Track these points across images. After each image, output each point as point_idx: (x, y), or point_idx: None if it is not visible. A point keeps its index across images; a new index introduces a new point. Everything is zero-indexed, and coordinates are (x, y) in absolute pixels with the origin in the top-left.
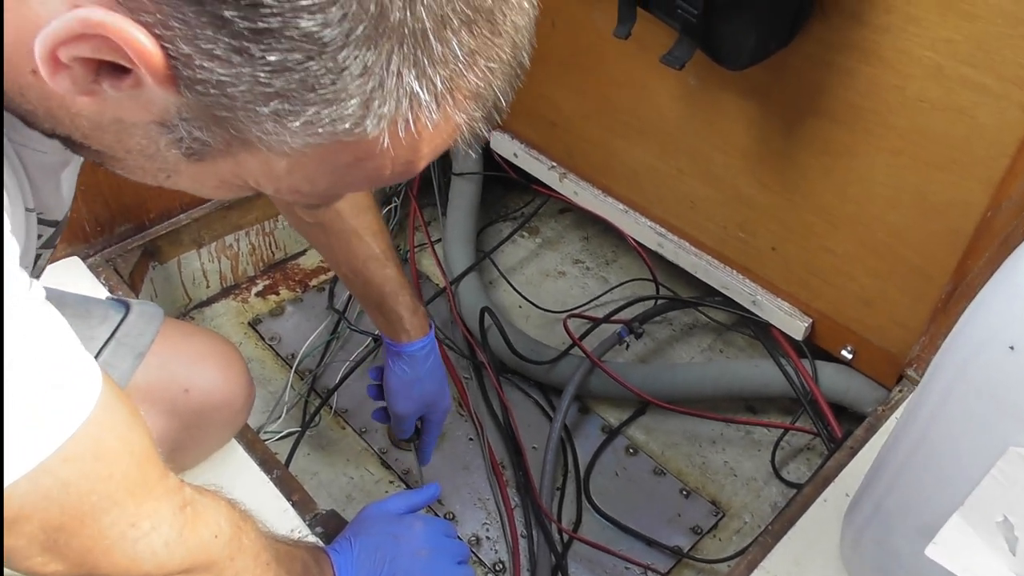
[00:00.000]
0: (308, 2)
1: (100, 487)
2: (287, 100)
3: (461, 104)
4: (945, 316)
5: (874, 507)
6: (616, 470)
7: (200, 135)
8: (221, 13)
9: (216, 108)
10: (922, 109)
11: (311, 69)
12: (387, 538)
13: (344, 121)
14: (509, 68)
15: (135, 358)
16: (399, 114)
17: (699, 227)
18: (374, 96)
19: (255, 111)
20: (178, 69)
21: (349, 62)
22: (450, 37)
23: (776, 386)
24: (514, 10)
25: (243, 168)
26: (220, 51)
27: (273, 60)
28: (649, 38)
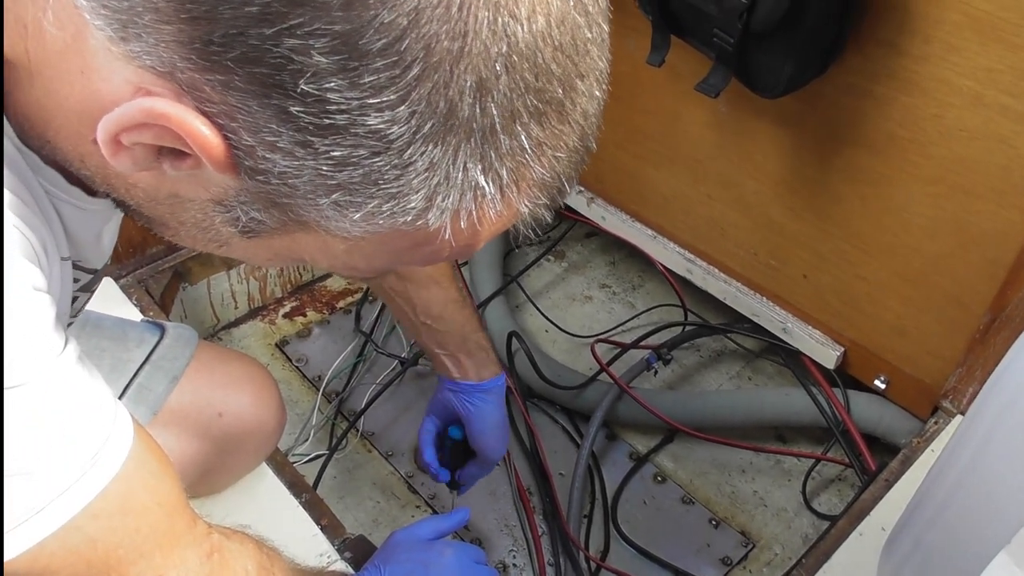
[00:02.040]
0: (376, 100)
1: (127, 540)
2: (349, 192)
3: (526, 192)
4: (983, 347)
5: (914, 543)
6: (644, 498)
7: (257, 215)
8: (287, 108)
9: (276, 195)
10: (961, 138)
11: (376, 165)
12: (417, 566)
13: (406, 214)
14: (576, 155)
15: (170, 381)
16: (462, 206)
17: (729, 253)
18: (438, 191)
19: (316, 201)
20: (240, 158)
21: (415, 158)
22: (519, 131)
23: (807, 415)
24: (584, 98)
25: (299, 245)
26: (284, 143)
27: (337, 155)
28: (682, 66)
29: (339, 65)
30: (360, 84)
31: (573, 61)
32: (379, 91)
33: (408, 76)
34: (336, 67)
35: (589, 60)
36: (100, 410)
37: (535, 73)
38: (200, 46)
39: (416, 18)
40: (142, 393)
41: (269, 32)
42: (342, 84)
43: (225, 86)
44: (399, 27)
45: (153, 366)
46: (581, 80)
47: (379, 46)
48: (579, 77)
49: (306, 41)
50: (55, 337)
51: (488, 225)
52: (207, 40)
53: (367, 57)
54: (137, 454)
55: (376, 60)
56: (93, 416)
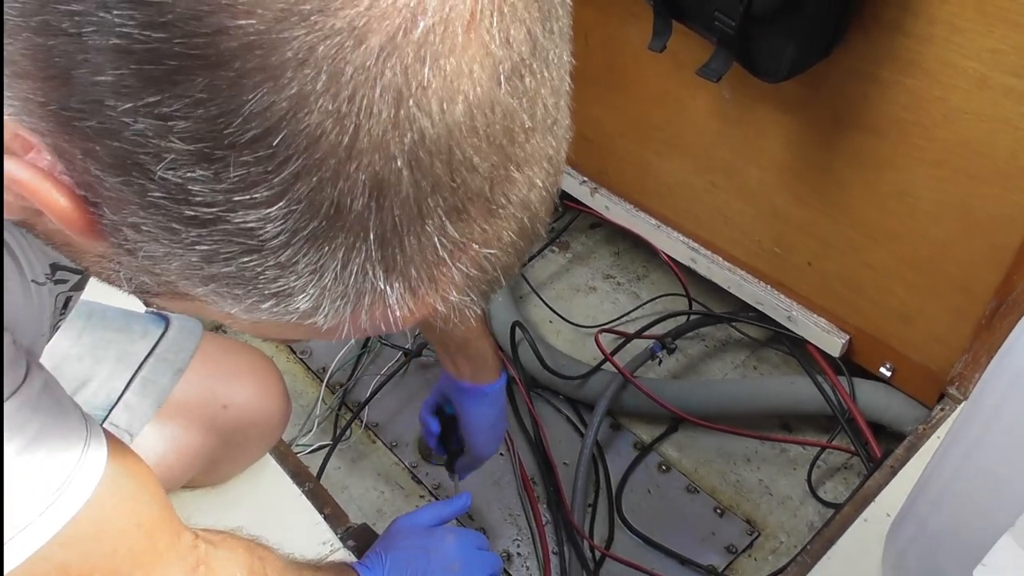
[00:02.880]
0: (245, 196)
1: (103, 564)
2: (225, 285)
3: (446, 289)
4: (989, 333)
5: (919, 527)
6: (649, 487)
7: (144, 279)
8: (148, 192)
9: (152, 273)
10: (966, 121)
11: (249, 264)
12: (418, 552)
13: (291, 315)
14: (513, 248)
15: (174, 374)
16: (361, 307)
17: (733, 242)
18: (327, 295)
19: (192, 287)
20: (105, 231)
21: (296, 259)
22: (429, 231)
23: (812, 403)
24: (523, 189)
25: (203, 311)
26: (149, 227)
27: (205, 250)
28: (684, 53)
29: (202, 154)
30: (226, 177)
31: (506, 152)
32: (249, 187)
33: (284, 172)
34: (199, 155)
35: (530, 147)
36: (67, 438)
37: (450, 169)
38: (57, 109)
39: (295, 107)
40: (147, 386)
41: (124, 107)
42: (206, 175)
43: (87, 155)
44: (274, 117)
45: (158, 358)
46: (519, 170)
47: (248, 137)
48: (516, 168)
49: (164, 122)
50: (8, 378)
51: (397, 322)
52: (64, 104)
53: (235, 148)
54: (112, 477)
55: (244, 152)
56: (58, 446)
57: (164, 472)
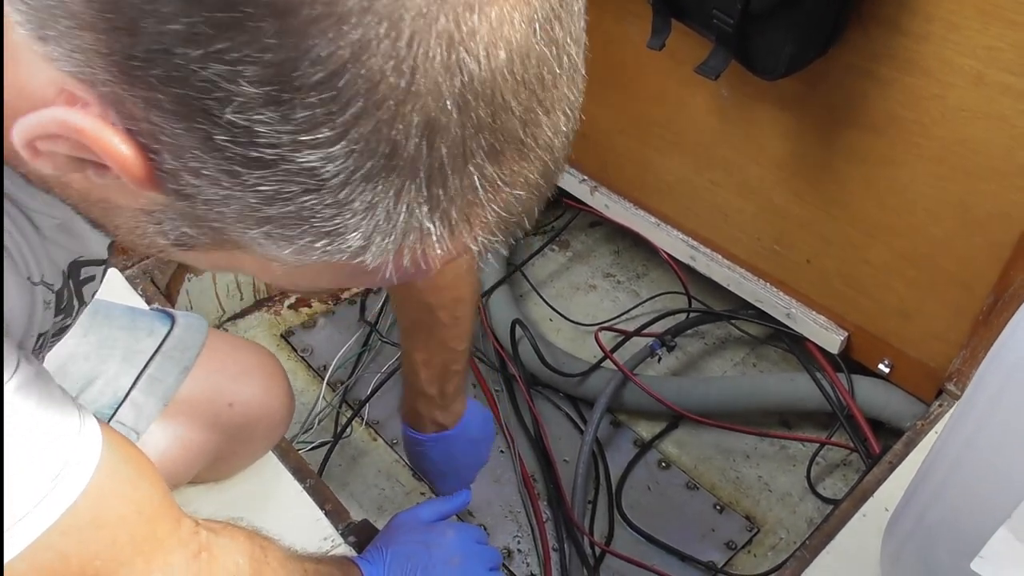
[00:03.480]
0: (309, 136)
1: (104, 552)
2: (281, 226)
3: (479, 229)
4: (986, 329)
5: (916, 521)
6: (648, 484)
7: (188, 231)
8: (213, 136)
9: (204, 219)
10: (963, 118)
11: (308, 203)
12: (419, 546)
13: (342, 253)
14: (537, 190)
15: (181, 372)
16: (405, 245)
17: (732, 239)
18: (377, 231)
19: (246, 230)
20: (163, 179)
21: (352, 198)
22: (471, 171)
23: (811, 400)
24: (549, 132)
25: (238, 262)
26: (209, 171)
27: (267, 190)
28: (683, 51)
29: (269, 97)
30: (292, 119)
31: (538, 97)
32: (313, 127)
33: (347, 114)
34: (266, 99)
35: (556, 93)
36: (60, 428)
37: (492, 111)
38: (121, 59)
39: (359, 52)
40: (153, 384)
41: (194, 54)
42: (273, 117)
43: (148, 104)
44: (339, 60)
45: (164, 356)
46: (547, 115)
47: (315, 80)
48: (544, 112)
49: (234, 67)
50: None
51: (435, 262)
52: (128, 54)
53: (301, 91)
54: (109, 465)
55: (311, 95)
56: (51, 436)
57: (169, 469)
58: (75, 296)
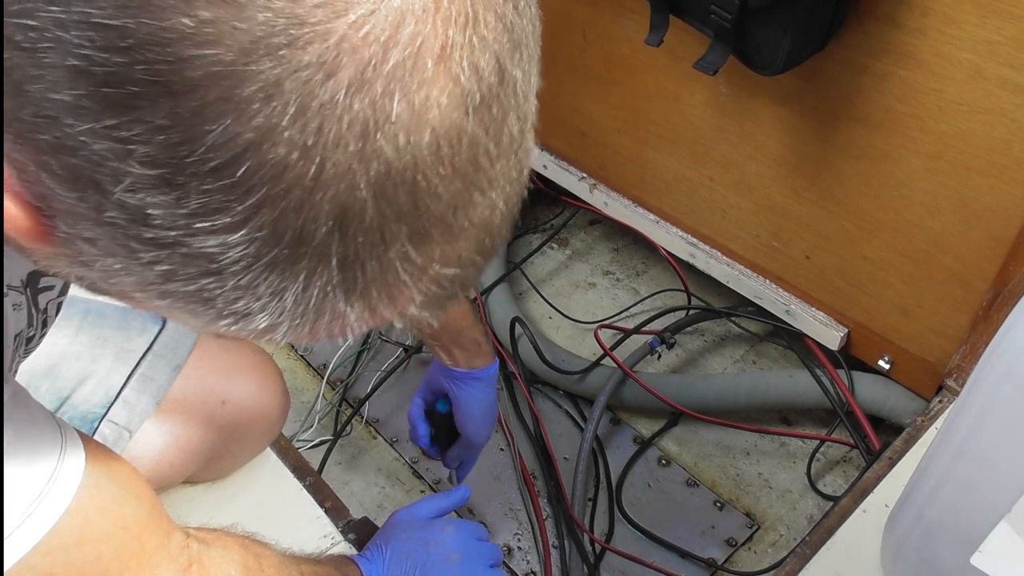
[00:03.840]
0: (206, 223)
1: (89, 568)
2: (184, 302)
3: (404, 306)
4: (986, 324)
5: (916, 517)
6: (648, 481)
7: (104, 286)
8: (104, 212)
9: (107, 281)
10: (961, 112)
11: (209, 286)
12: (418, 543)
13: (248, 333)
14: (473, 266)
15: (172, 370)
16: (320, 324)
17: (731, 236)
18: (286, 316)
19: (148, 300)
20: (59, 242)
21: (256, 283)
22: (392, 257)
23: (811, 397)
24: (486, 212)
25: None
26: (105, 243)
27: (164, 270)
28: (680, 48)
29: (162, 179)
30: (187, 204)
31: (470, 179)
32: (211, 214)
33: (248, 202)
34: (159, 180)
35: (494, 172)
36: (39, 449)
37: (414, 199)
38: (11, 119)
39: (261, 139)
40: (145, 383)
41: (82, 127)
42: (166, 200)
43: (41, 168)
44: (238, 147)
45: (156, 355)
46: (483, 194)
47: (211, 166)
48: (480, 192)
49: (124, 146)
50: None
51: (353, 333)
52: (17, 115)
53: (196, 176)
54: (92, 482)
55: (207, 180)
56: (32, 457)
57: (164, 468)
58: (32, 304)
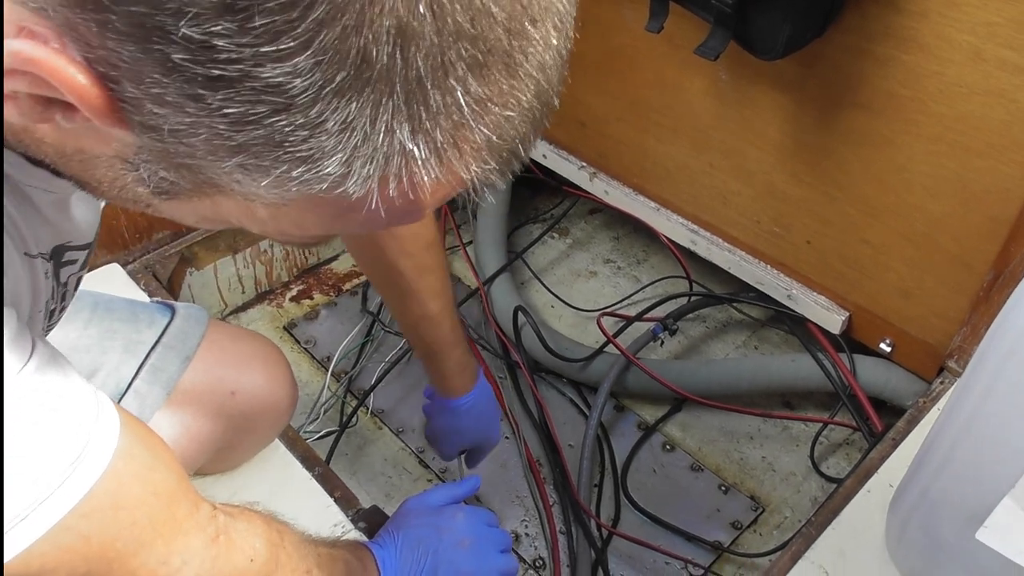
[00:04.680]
0: (271, 48)
1: (124, 534)
2: (253, 155)
3: (469, 156)
4: (987, 306)
5: (920, 494)
6: (653, 467)
7: (166, 175)
8: (170, 56)
9: (176, 155)
10: (960, 94)
11: (278, 124)
12: (430, 530)
13: (322, 181)
14: (531, 113)
15: (182, 361)
16: (389, 172)
17: (732, 223)
18: (357, 155)
19: (219, 163)
20: (127, 111)
21: (325, 116)
22: (453, 86)
23: (814, 381)
24: (539, 47)
25: (222, 209)
26: (172, 97)
27: (233, 112)
28: (679, 36)
29: (224, 6)
30: (251, 28)
31: (521, 4)
32: (275, 37)
33: (308, 19)
34: (221, 7)
35: (543, 1)
36: (79, 412)
37: (470, 17)
38: None
39: None
40: (155, 374)
41: None
42: (230, 28)
43: (102, 27)
44: None
45: (165, 347)
46: (534, 26)
47: None
48: (531, 22)
49: None
50: (16, 351)
51: (426, 193)
52: None
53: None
54: (126, 448)
55: (268, 1)
56: (71, 420)
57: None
58: (54, 277)
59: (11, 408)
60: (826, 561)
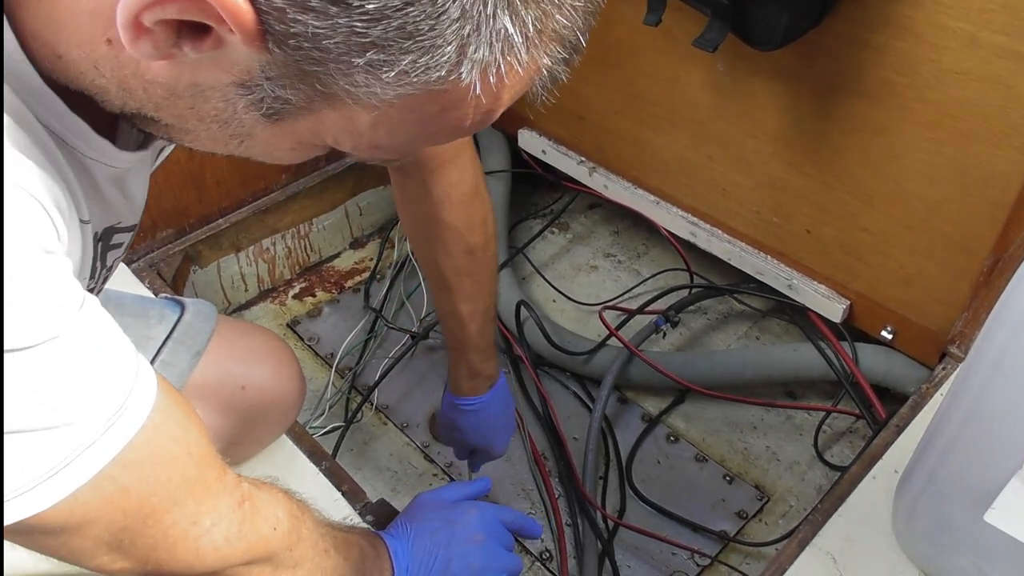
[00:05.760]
0: None
1: (160, 489)
2: (383, 50)
3: (547, 45)
4: (987, 290)
5: (927, 478)
6: (658, 458)
7: (283, 93)
8: None
9: (306, 63)
10: (957, 81)
11: (410, 15)
12: (443, 523)
13: (440, 68)
14: (587, 7)
15: (193, 356)
16: (492, 57)
17: (732, 214)
18: (470, 40)
19: (348, 63)
20: (270, 24)
21: (447, 5)
22: None
23: (816, 370)
24: None
25: (323, 125)
26: (316, 2)
27: (372, 8)
28: (677, 29)
29: None
30: None
31: None
32: None
33: None
34: None
35: None
36: (122, 363)
37: None
38: None
39: None
40: (166, 369)
41: None
42: None
43: None
44: None
45: (176, 342)
46: None
47: None
48: None
49: None
50: (74, 293)
51: (513, 80)
52: None
53: None
54: (163, 405)
55: None
56: (116, 369)
57: None
58: (99, 259)
59: (70, 344)
60: (833, 548)
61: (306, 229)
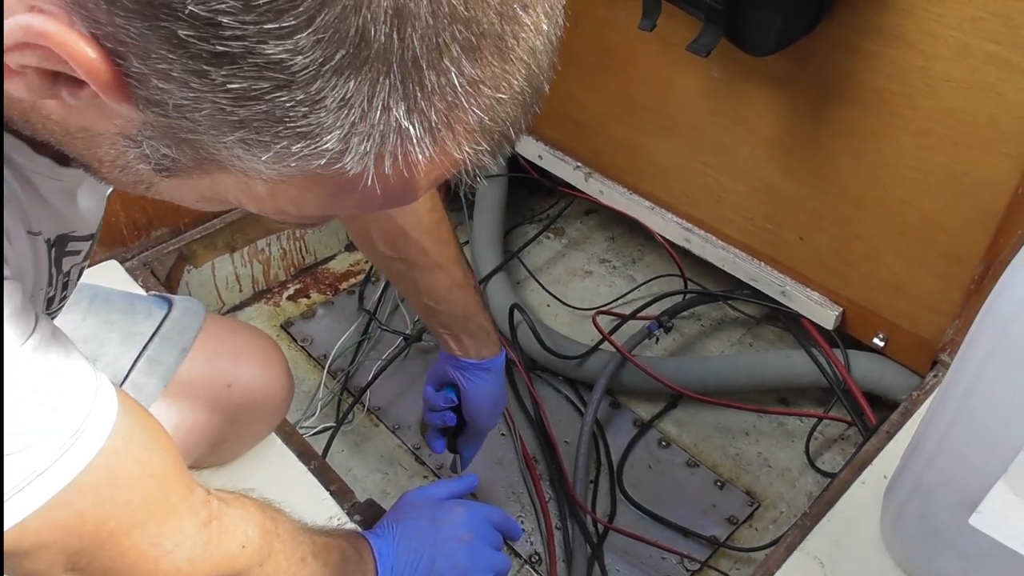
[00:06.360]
0: (274, 25)
1: (118, 513)
2: (254, 131)
3: (463, 137)
4: (978, 298)
5: (914, 483)
6: (649, 463)
7: (168, 152)
8: (177, 32)
9: (179, 130)
10: (948, 89)
11: (279, 100)
12: (428, 522)
13: (320, 157)
14: (522, 97)
15: (179, 353)
16: (385, 150)
17: (726, 220)
18: (354, 131)
19: (220, 138)
20: (133, 86)
21: (325, 93)
22: (447, 67)
23: (808, 376)
24: (530, 32)
25: (221, 187)
26: (177, 72)
27: (236, 88)
28: (672, 35)
29: None
30: (255, 7)
31: None
32: (278, 15)
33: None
34: None
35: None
36: (78, 387)
37: (464, 0)
38: None
39: None
40: (152, 365)
41: None
42: (235, 6)
43: (111, 4)
44: None
45: (162, 338)
46: (525, 11)
47: None
48: (522, 8)
49: None
50: (20, 325)
51: (421, 171)
52: None
53: None
54: (124, 428)
55: None
56: (68, 396)
57: None
58: (54, 264)
59: (11, 381)
60: (821, 552)
61: (301, 231)
